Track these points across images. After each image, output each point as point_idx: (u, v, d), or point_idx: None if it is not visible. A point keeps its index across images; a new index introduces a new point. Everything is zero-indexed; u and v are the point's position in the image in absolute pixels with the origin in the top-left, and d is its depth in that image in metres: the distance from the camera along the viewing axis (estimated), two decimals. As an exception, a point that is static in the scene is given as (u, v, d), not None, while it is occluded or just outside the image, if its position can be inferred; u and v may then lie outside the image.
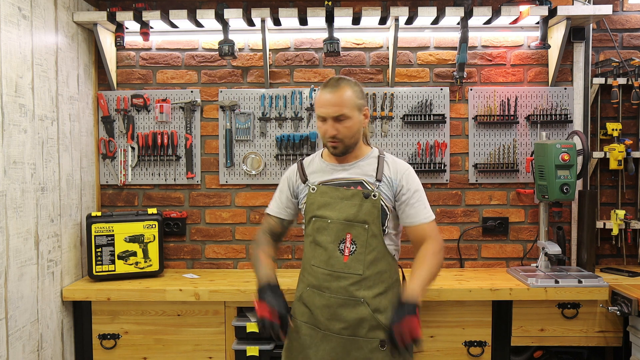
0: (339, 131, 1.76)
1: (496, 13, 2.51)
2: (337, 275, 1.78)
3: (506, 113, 2.71)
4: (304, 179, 1.90)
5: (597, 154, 2.63)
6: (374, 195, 1.77)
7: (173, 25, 2.65)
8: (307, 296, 1.84)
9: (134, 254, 2.54)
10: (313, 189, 1.85)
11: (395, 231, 1.87)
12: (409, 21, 2.59)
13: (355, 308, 1.75)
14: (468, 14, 2.50)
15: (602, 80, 2.64)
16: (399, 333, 1.55)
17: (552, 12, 2.47)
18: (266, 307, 1.67)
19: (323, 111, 1.76)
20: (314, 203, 1.83)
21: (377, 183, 1.80)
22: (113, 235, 2.52)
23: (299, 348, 1.84)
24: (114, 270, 2.51)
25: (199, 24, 2.65)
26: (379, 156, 1.86)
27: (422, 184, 2.69)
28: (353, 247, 1.77)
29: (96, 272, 2.49)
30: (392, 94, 2.73)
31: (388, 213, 1.80)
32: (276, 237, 2.00)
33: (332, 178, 1.85)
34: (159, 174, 2.79)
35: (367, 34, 2.76)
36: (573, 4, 2.55)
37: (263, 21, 2.57)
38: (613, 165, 2.61)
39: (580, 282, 2.29)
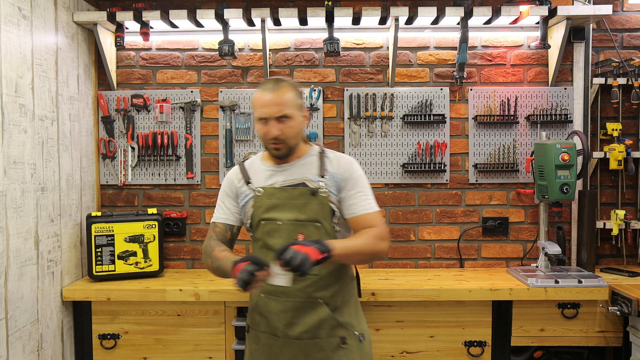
0: (282, 132, 1.70)
1: (496, 13, 2.51)
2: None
3: (506, 113, 2.71)
4: (247, 181, 1.81)
5: (597, 154, 2.63)
6: (323, 193, 1.72)
7: (173, 25, 2.65)
8: (262, 303, 1.77)
9: (134, 254, 2.55)
10: (259, 192, 1.77)
11: (344, 229, 1.80)
12: (409, 21, 2.59)
13: (315, 309, 1.71)
14: (468, 14, 2.50)
15: (602, 80, 2.64)
16: (294, 249, 1.47)
17: (552, 12, 2.47)
18: (243, 262, 1.54)
19: (265, 112, 1.69)
20: (261, 206, 1.76)
21: (321, 179, 1.74)
22: (113, 235, 2.52)
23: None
24: (114, 270, 2.52)
25: (199, 24, 2.65)
26: (319, 153, 1.81)
27: (422, 184, 2.78)
28: None
29: (96, 272, 2.49)
30: (392, 94, 2.73)
31: (335, 210, 1.74)
32: (226, 245, 1.83)
33: (276, 180, 1.78)
34: (159, 174, 2.79)
35: (367, 34, 2.76)
36: (573, 4, 2.55)
37: (263, 21, 2.57)
38: (613, 165, 2.60)
39: (580, 282, 2.30)
